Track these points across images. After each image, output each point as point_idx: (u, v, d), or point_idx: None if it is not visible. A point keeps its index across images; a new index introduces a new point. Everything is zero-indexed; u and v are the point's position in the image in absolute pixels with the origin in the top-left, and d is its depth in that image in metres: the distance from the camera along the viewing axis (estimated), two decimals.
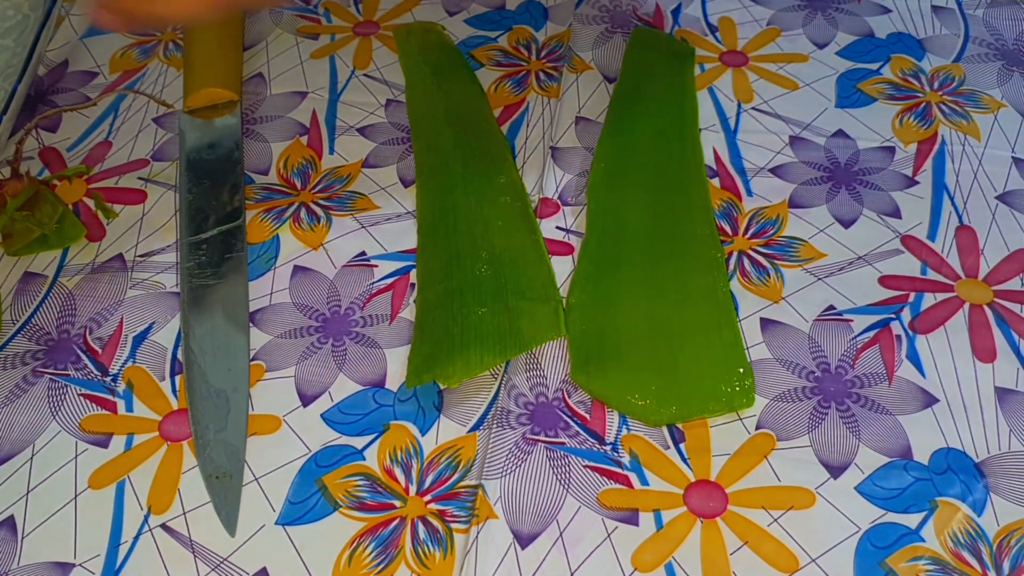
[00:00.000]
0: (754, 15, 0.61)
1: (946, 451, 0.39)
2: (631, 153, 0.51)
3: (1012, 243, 0.47)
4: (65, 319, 0.45)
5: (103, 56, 0.60)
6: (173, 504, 0.38)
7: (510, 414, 0.41)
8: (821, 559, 0.36)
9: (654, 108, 0.54)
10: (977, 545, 0.37)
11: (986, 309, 0.44)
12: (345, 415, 0.41)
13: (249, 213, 0.50)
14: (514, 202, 0.49)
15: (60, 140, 0.54)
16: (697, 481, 0.39)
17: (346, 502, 0.38)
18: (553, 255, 0.47)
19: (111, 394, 0.42)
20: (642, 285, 0.45)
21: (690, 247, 0.47)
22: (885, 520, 0.37)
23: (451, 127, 0.53)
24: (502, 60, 0.59)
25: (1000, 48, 0.58)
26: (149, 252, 0.48)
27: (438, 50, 0.59)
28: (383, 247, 0.48)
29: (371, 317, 0.45)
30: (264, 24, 0.62)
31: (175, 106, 0.56)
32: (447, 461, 0.40)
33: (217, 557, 0.37)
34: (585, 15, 0.62)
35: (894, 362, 0.42)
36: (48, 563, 0.37)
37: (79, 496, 0.39)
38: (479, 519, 0.37)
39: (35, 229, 0.47)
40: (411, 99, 0.56)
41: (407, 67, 0.58)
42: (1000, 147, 0.52)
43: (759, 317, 0.44)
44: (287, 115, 0.55)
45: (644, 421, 0.40)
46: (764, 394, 0.41)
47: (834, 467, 0.39)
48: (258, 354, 0.43)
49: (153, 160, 0.53)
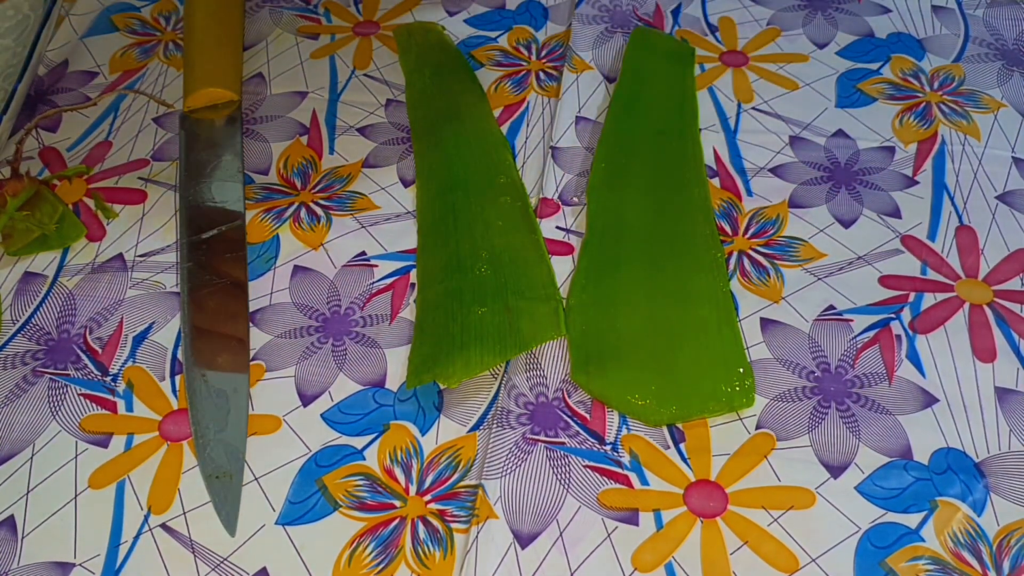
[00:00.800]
0: (754, 15, 0.61)
1: (946, 451, 0.39)
2: (631, 153, 0.51)
3: (1012, 243, 0.47)
4: (65, 319, 0.45)
5: (103, 56, 0.60)
6: (173, 504, 0.38)
7: (510, 414, 0.41)
8: (821, 559, 0.36)
9: (654, 108, 0.54)
10: (977, 545, 0.37)
11: (986, 309, 0.44)
12: (345, 415, 0.41)
13: (249, 213, 0.50)
14: (514, 202, 0.49)
15: (60, 140, 0.54)
16: (697, 481, 0.39)
17: (346, 502, 0.38)
18: (553, 255, 0.47)
19: (111, 394, 0.42)
20: (642, 285, 0.45)
21: (690, 247, 0.47)
22: (885, 520, 0.37)
23: (451, 127, 0.53)
24: (502, 60, 0.59)
25: (1000, 48, 0.58)
26: (149, 252, 0.48)
27: (438, 50, 0.59)
28: (383, 247, 0.48)
29: (371, 317, 0.45)
30: (264, 24, 0.62)
31: (175, 106, 0.56)
32: (447, 461, 0.40)
33: (217, 557, 0.37)
34: (585, 15, 0.62)
35: (894, 362, 0.42)
36: (48, 563, 0.37)
37: (79, 496, 0.39)
38: (479, 519, 0.37)
39: (35, 229, 0.48)
40: (411, 99, 0.56)
41: (407, 67, 0.58)
42: (1000, 147, 0.52)
43: (759, 317, 0.44)
44: (287, 115, 0.55)
45: (644, 421, 0.40)
46: (764, 394, 0.41)
47: (834, 467, 0.39)
48: (258, 354, 0.43)
49: (153, 160, 0.53)
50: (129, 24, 0.62)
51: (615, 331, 0.43)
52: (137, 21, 0.62)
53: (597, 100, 0.56)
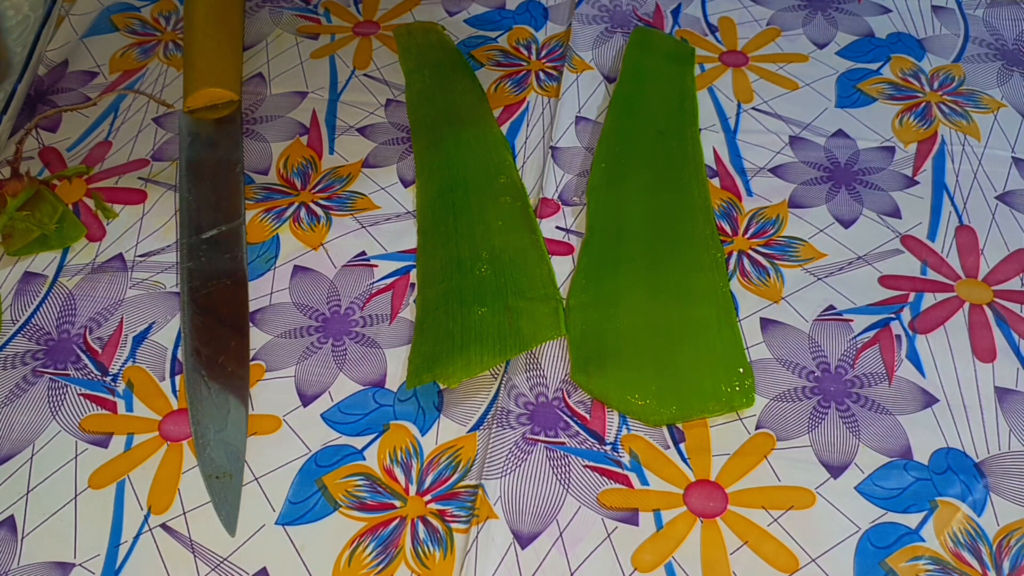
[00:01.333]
0: (754, 15, 0.61)
1: (946, 451, 0.39)
2: (631, 153, 0.51)
3: (1012, 243, 0.47)
4: (65, 319, 0.45)
5: (103, 56, 0.60)
6: (173, 504, 0.38)
7: (510, 414, 0.41)
8: (821, 559, 0.36)
9: (654, 108, 0.54)
10: (977, 545, 0.37)
11: (986, 309, 0.44)
12: (345, 415, 0.41)
13: (249, 213, 0.50)
14: (514, 202, 0.49)
15: (60, 140, 0.54)
16: (697, 481, 0.39)
17: (346, 502, 0.38)
18: (553, 255, 0.47)
19: (111, 394, 0.42)
20: (642, 285, 0.45)
21: (690, 247, 0.47)
22: (885, 520, 0.37)
23: (451, 127, 0.53)
24: (502, 60, 0.59)
25: (1000, 48, 0.58)
26: (149, 252, 0.48)
27: (438, 50, 0.59)
28: (383, 247, 0.48)
29: (371, 317, 0.45)
30: (264, 24, 0.62)
31: (175, 106, 0.56)
32: (447, 461, 0.40)
33: (217, 557, 0.37)
34: (585, 15, 0.62)
35: (894, 362, 0.42)
36: (48, 563, 0.37)
37: (79, 496, 0.39)
38: (479, 519, 0.37)
39: (35, 229, 0.48)
40: (411, 99, 0.56)
41: (407, 67, 0.58)
42: (1000, 147, 0.52)
43: (759, 317, 0.44)
44: (287, 115, 0.55)
45: (644, 421, 0.40)
46: (764, 394, 0.41)
47: (834, 467, 0.39)
48: (258, 354, 0.43)
49: (153, 160, 0.53)
50: (129, 24, 0.62)
51: (615, 331, 0.43)
52: (137, 21, 0.62)
53: (597, 100, 0.56)
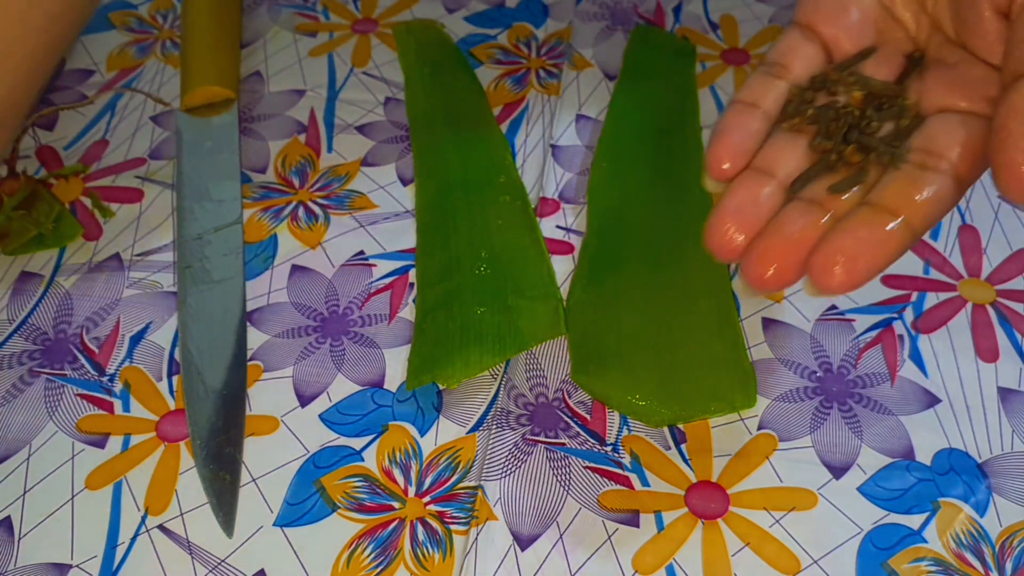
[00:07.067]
0: (756, 13, 0.61)
1: (948, 451, 0.39)
2: (632, 151, 0.51)
3: (1015, 242, 0.47)
4: (62, 319, 0.45)
5: (100, 54, 0.59)
6: (170, 505, 0.38)
7: (510, 415, 0.41)
8: (823, 560, 0.36)
9: (655, 106, 0.54)
10: (980, 546, 0.36)
11: (989, 309, 0.44)
12: (344, 416, 0.41)
13: (247, 212, 0.49)
14: (514, 201, 0.49)
15: (57, 138, 0.54)
16: (698, 482, 0.38)
17: (344, 503, 0.38)
18: (553, 254, 0.47)
19: (108, 394, 0.42)
20: (643, 284, 0.45)
21: (691, 246, 0.46)
22: (887, 521, 0.37)
23: (450, 125, 0.53)
24: (502, 58, 0.58)
25: None
26: (146, 251, 0.48)
27: (437, 48, 0.59)
28: (382, 246, 0.48)
29: (370, 317, 0.45)
30: (262, 21, 0.62)
31: (172, 104, 0.55)
32: (446, 462, 0.39)
33: (215, 558, 0.37)
34: (586, 12, 0.61)
35: (896, 362, 0.42)
36: (45, 564, 0.37)
37: (76, 497, 0.38)
38: (479, 520, 0.37)
39: (32, 228, 0.47)
40: (410, 97, 0.56)
41: (406, 65, 0.58)
42: None
43: (761, 317, 0.44)
44: (285, 113, 0.55)
45: (645, 421, 0.40)
46: (766, 394, 0.41)
47: (836, 468, 0.39)
48: (256, 354, 0.43)
49: (150, 159, 0.53)
50: (126, 22, 0.62)
51: (616, 331, 0.43)
52: (134, 19, 0.62)
53: (598, 98, 0.55)
